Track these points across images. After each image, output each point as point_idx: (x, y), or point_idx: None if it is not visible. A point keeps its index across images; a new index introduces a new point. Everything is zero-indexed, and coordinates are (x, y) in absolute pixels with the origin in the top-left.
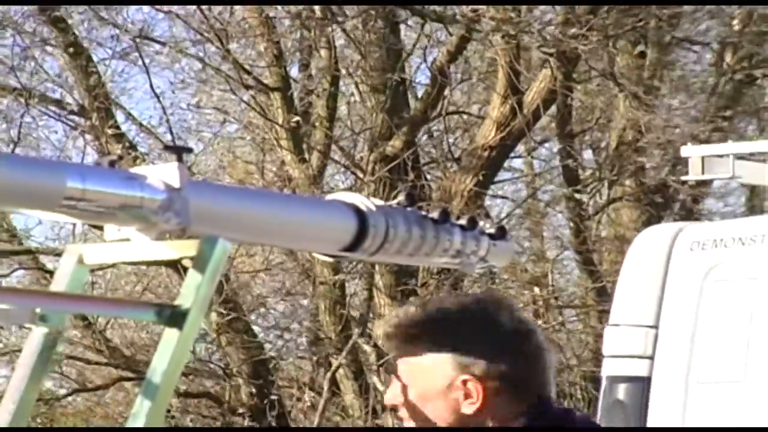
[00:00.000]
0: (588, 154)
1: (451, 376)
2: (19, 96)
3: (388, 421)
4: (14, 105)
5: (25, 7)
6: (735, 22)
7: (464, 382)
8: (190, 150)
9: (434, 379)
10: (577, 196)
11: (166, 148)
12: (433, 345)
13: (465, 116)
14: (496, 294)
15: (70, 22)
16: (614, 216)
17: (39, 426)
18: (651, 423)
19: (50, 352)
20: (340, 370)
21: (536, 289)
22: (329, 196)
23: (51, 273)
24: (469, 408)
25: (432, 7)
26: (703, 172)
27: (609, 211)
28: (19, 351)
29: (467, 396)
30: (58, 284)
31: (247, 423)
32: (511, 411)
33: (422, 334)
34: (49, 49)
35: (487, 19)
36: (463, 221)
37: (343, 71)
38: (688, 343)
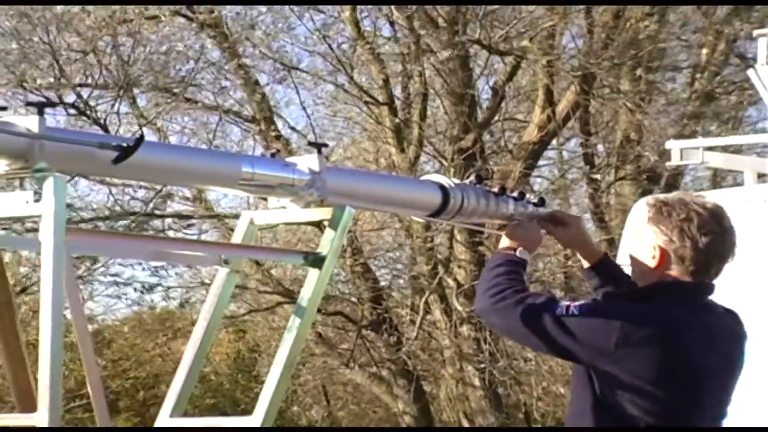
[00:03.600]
0: (600, 147)
1: None
2: (212, 109)
3: (464, 331)
4: (209, 115)
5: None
6: (703, 53)
7: None
8: (326, 145)
9: None
10: (593, 176)
11: (310, 144)
12: None
13: (515, 121)
14: None
15: (245, 60)
16: (619, 190)
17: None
18: None
19: (231, 284)
20: (431, 297)
21: None
22: (422, 177)
23: (232, 230)
24: None
25: (494, 43)
26: (681, 159)
27: (615, 187)
28: (210, 283)
29: None
30: (236, 238)
31: (368, 332)
32: None
33: None
34: (231, 77)
35: (533, 53)
36: (515, 194)
37: (431, 90)
38: None
